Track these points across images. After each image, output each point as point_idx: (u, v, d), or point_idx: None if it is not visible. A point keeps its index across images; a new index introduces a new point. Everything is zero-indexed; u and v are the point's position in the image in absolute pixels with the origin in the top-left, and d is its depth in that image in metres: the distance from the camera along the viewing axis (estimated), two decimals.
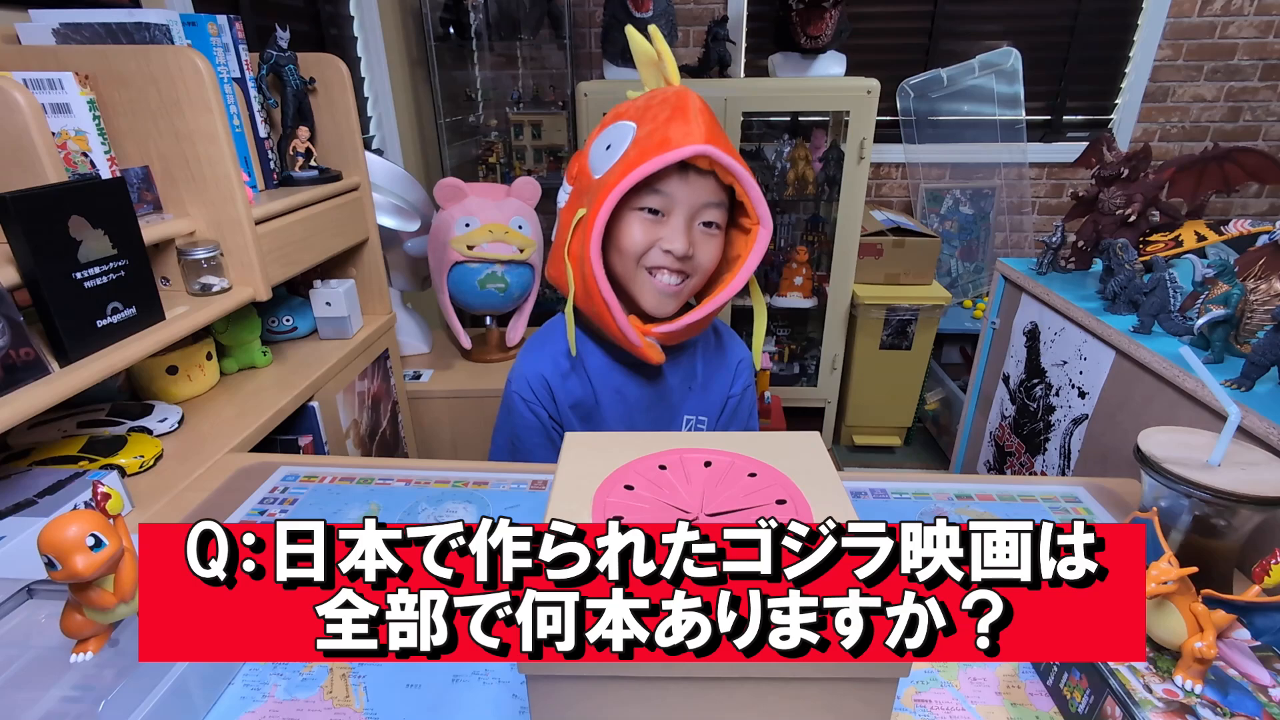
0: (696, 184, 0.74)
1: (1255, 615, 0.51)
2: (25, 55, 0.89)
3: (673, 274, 0.77)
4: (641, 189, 0.74)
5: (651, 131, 0.73)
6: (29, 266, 0.68)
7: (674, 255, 0.75)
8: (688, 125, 0.71)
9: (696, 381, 0.90)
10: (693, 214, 0.75)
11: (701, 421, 0.91)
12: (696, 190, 0.74)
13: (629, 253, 0.77)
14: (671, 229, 0.75)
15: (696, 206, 0.75)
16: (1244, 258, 0.87)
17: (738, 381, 0.93)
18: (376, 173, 1.40)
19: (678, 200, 0.74)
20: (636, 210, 0.75)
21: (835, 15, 1.99)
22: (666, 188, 0.74)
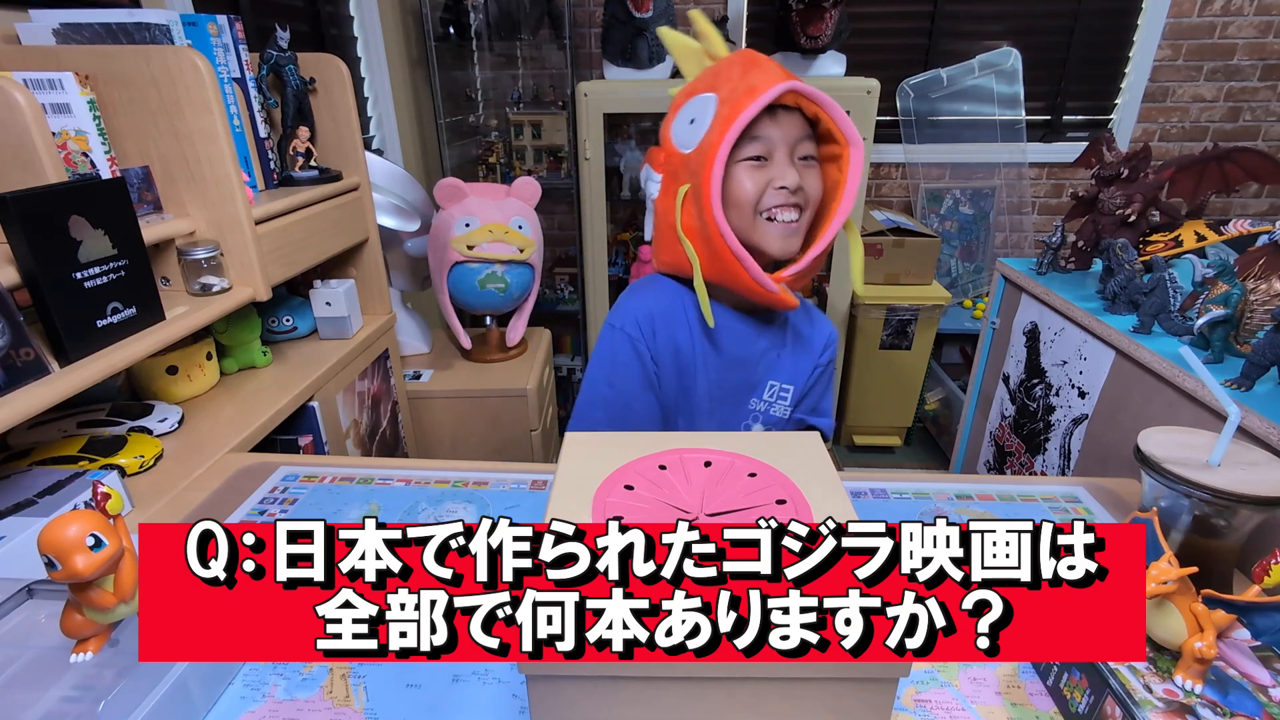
0: (787, 121, 0.78)
1: (1255, 615, 0.51)
2: (25, 55, 0.89)
3: (790, 209, 0.80)
4: (740, 143, 0.77)
5: (734, 88, 0.76)
6: (29, 266, 0.68)
7: (788, 190, 0.78)
8: (765, 71, 0.75)
9: (786, 350, 0.92)
10: (791, 149, 0.78)
11: (786, 391, 0.93)
12: (789, 127, 0.78)
13: (745, 203, 0.79)
14: (778, 167, 0.78)
15: (793, 141, 0.78)
16: (1244, 258, 0.87)
17: (826, 353, 0.96)
18: (376, 173, 1.40)
19: (776, 140, 0.78)
20: (741, 163, 0.78)
21: (835, 15, 1.99)
22: (762, 132, 0.77)
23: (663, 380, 0.88)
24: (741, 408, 0.91)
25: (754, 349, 0.89)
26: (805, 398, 0.94)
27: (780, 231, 0.80)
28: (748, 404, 0.91)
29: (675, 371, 0.88)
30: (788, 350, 0.92)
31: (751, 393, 0.91)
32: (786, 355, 0.92)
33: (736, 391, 0.90)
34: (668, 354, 0.87)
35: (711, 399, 0.89)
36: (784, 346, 0.92)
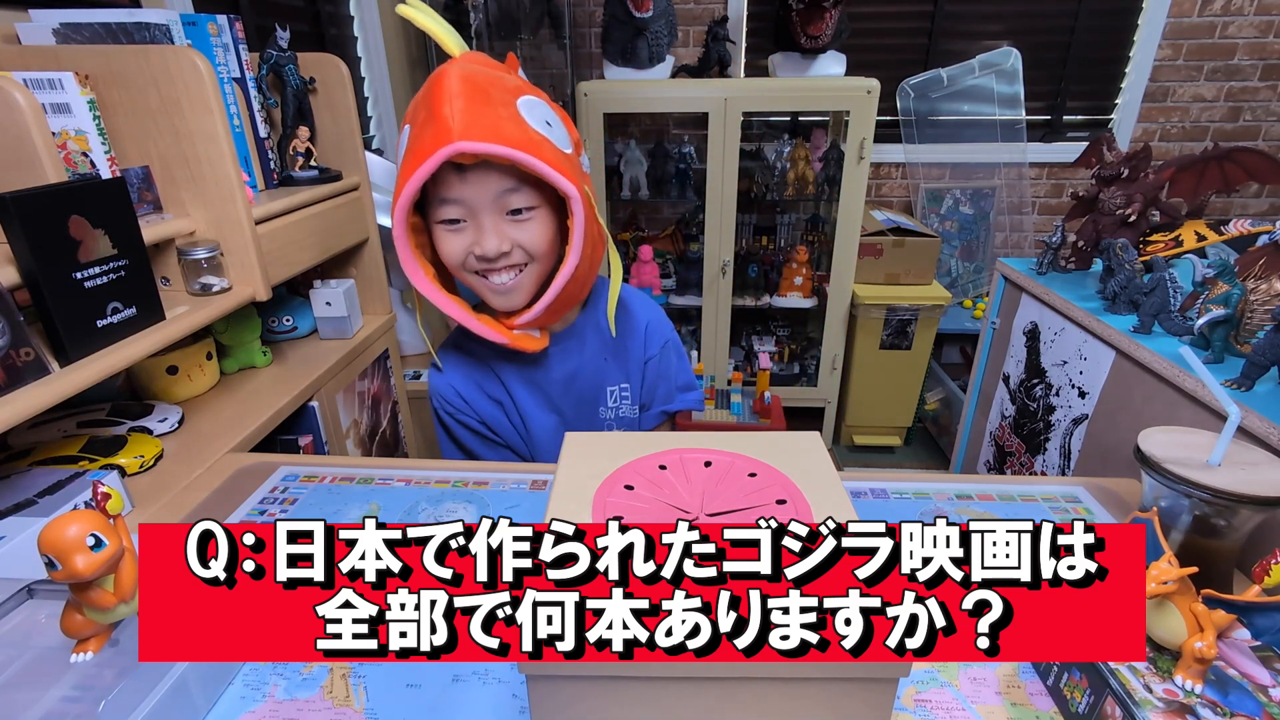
0: (478, 179, 0.68)
1: (1255, 615, 0.51)
2: (25, 55, 0.89)
3: (502, 272, 0.74)
4: (433, 201, 0.70)
5: (414, 138, 0.67)
6: (29, 266, 0.68)
7: (487, 258, 0.71)
8: (438, 125, 0.63)
9: (611, 352, 0.89)
10: (493, 208, 0.70)
11: (625, 390, 0.90)
12: (482, 185, 0.68)
13: (451, 266, 0.74)
14: (477, 231, 0.71)
15: (491, 199, 0.69)
16: (1244, 258, 0.87)
17: (651, 343, 0.91)
18: (376, 173, 1.40)
19: (469, 202, 0.69)
20: (439, 224, 0.72)
21: (835, 15, 1.99)
22: (451, 194, 0.69)
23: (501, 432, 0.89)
24: (594, 420, 0.90)
25: (574, 364, 0.87)
26: (658, 387, 0.92)
27: (494, 290, 0.75)
28: (598, 414, 0.90)
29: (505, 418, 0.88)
30: (611, 352, 0.89)
31: (597, 404, 0.90)
32: (611, 359, 0.89)
33: (582, 407, 0.89)
34: (490, 409, 0.87)
35: (564, 423, 0.89)
36: (607, 349, 0.89)
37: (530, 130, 0.67)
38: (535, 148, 0.66)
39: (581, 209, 0.69)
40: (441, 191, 0.69)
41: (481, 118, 0.64)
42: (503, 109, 0.67)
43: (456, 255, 0.73)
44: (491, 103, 0.66)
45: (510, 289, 0.75)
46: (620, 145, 2.30)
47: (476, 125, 0.63)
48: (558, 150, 0.69)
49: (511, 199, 0.70)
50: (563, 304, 0.77)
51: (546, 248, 0.74)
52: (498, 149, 0.64)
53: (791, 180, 2.24)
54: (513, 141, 0.64)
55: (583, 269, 0.74)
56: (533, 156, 0.65)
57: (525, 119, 0.68)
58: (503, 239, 0.71)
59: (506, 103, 0.67)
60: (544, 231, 0.73)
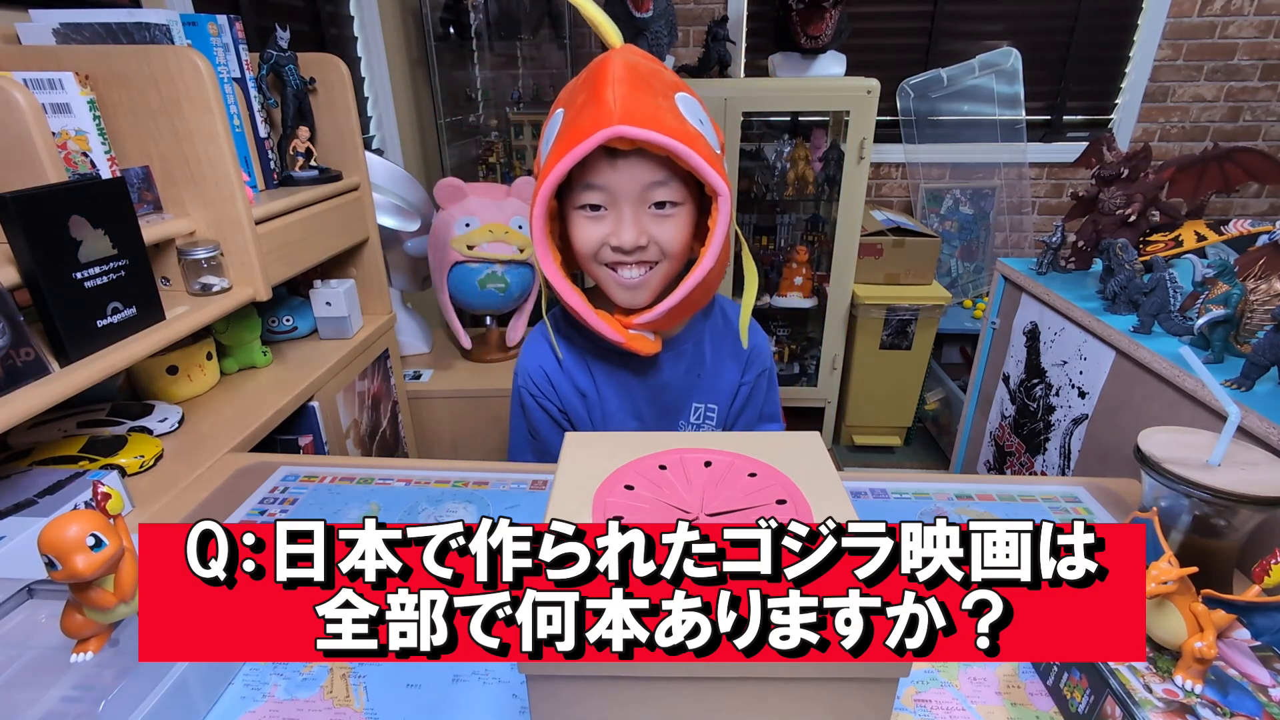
0: (629, 167, 0.67)
1: (1255, 615, 0.51)
2: (25, 55, 0.89)
3: (633, 267, 0.72)
4: (576, 186, 0.69)
5: (570, 121, 0.66)
6: (29, 266, 0.68)
7: (624, 249, 0.70)
8: (599, 107, 0.63)
9: (705, 369, 0.87)
10: (637, 199, 0.69)
11: (711, 410, 0.88)
12: (631, 174, 0.67)
13: (583, 254, 0.73)
14: (616, 223, 0.70)
15: (638, 190, 0.68)
16: (1244, 258, 0.87)
17: (751, 369, 0.89)
18: (376, 173, 1.40)
19: (614, 190, 0.68)
20: (578, 209, 0.71)
21: (835, 15, 1.99)
22: (598, 180, 0.68)
23: (576, 423, 0.87)
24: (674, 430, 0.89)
25: (666, 376, 0.85)
26: (744, 412, 0.90)
27: (621, 284, 0.74)
28: (678, 426, 0.89)
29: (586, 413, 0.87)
30: (706, 369, 0.87)
31: (679, 416, 0.88)
32: (706, 376, 0.87)
33: (661, 418, 0.88)
34: (573, 400, 0.86)
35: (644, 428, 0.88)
36: (702, 365, 0.87)
37: (688, 124, 0.66)
38: (692, 141, 0.65)
39: (728, 207, 0.68)
40: (589, 176, 0.68)
41: (643, 105, 0.63)
42: (663, 100, 0.66)
43: (591, 244, 0.71)
44: (653, 93, 0.65)
45: (638, 285, 0.73)
46: None
47: (638, 112, 0.63)
48: (711, 148, 0.68)
49: (658, 191, 0.69)
50: (686, 308, 0.75)
51: (681, 247, 0.73)
52: (658, 137, 0.63)
53: (791, 180, 2.24)
54: (672, 132, 0.63)
55: (714, 274, 0.72)
56: (690, 149, 0.64)
57: (683, 113, 0.67)
58: (641, 232, 0.70)
59: (667, 95, 0.67)
60: (682, 230, 0.72)
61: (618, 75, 0.64)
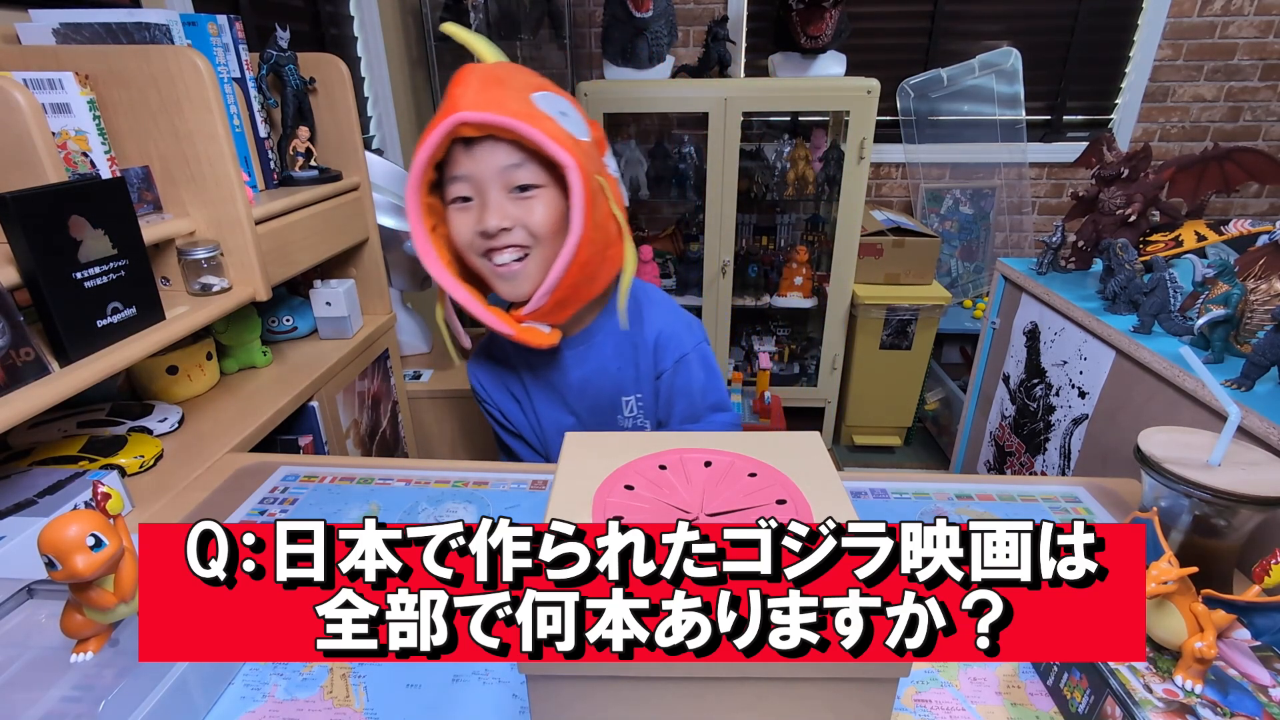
0: (483, 153, 0.69)
1: (1255, 615, 0.51)
2: (25, 55, 0.89)
3: (503, 251, 0.74)
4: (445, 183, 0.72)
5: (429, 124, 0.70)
6: (29, 266, 0.68)
7: (488, 234, 0.72)
8: (448, 103, 0.67)
9: (625, 359, 0.87)
10: (499, 184, 0.71)
11: (641, 402, 0.88)
12: (487, 159, 0.69)
13: (461, 248, 0.75)
14: (481, 209, 0.72)
15: (495, 174, 0.70)
16: (1244, 258, 0.87)
17: (663, 357, 0.87)
18: (376, 173, 1.40)
19: (475, 177, 0.71)
20: (451, 204, 0.73)
21: (835, 15, 1.99)
22: (460, 170, 0.71)
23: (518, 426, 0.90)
24: (612, 426, 0.90)
25: (585, 370, 0.86)
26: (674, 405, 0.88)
27: (498, 274, 0.75)
28: (615, 422, 0.89)
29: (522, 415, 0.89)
30: (628, 363, 0.87)
31: (614, 412, 0.89)
32: (627, 368, 0.87)
33: (595, 415, 0.89)
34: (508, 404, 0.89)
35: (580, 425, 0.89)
36: (624, 357, 0.87)
37: (536, 109, 0.68)
38: (537, 121, 0.67)
39: (580, 183, 0.69)
40: (453, 169, 0.71)
41: (487, 94, 0.67)
42: (514, 92, 0.69)
43: (464, 235, 0.73)
44: (502, 86, 0.69)
45: (514, 273, 0.74)
46: (620, 145, 2.30)
47: (481, 99, 0.66)
48: (564, 130, 0.69)
49: (516, 174, 0.70)
50: (569, 295, 0.76)
51: (550, 229, 0.73)
52: (497, 118, 0.65)
53: (791, 180, 2.24)
54: (512, 113, 0.66)
55: (587, 255, 0.72)
56: (532, 126, 0.66)
57: (535, 102, 0.69)
58: (504, 215, 0.71)
59: (520, 88, 0.70)
60: (548, 211, 0.72)
61: (470, 77, 0.69)
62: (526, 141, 0.68)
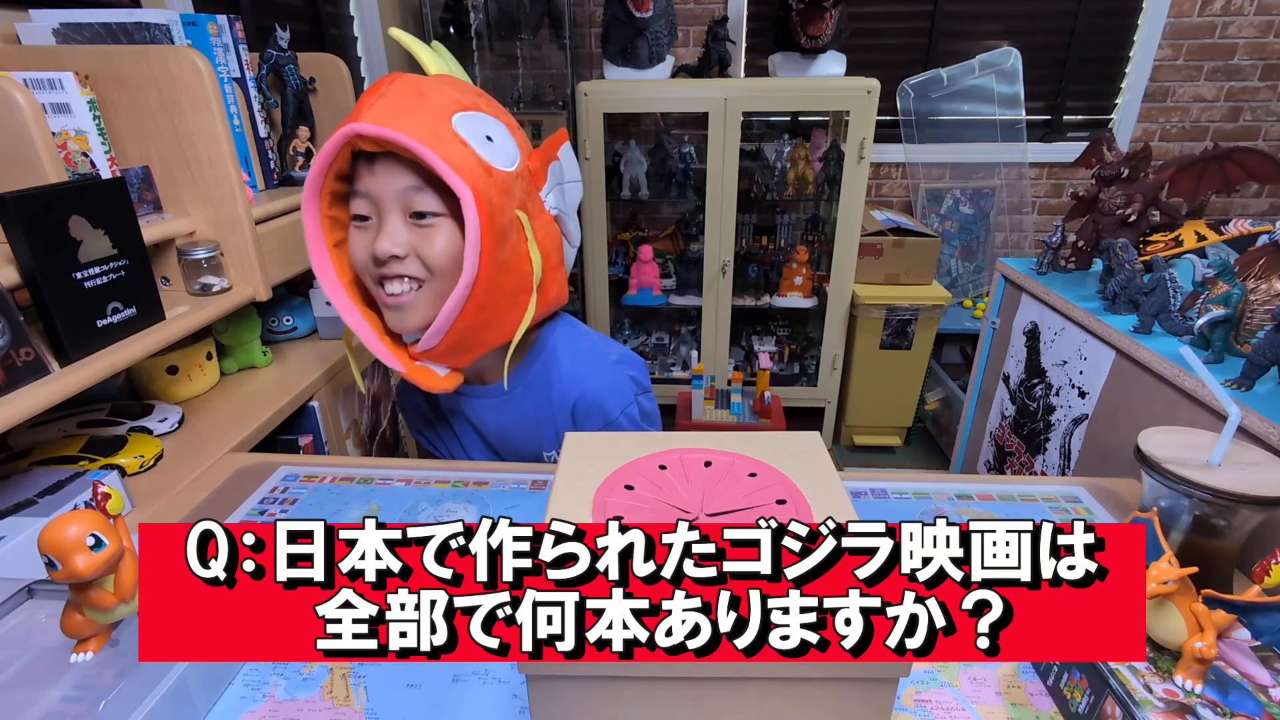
0: (383, 171, 0.64)
1: (1255, 615, 0.51)
2: (25, 55, 0.89)
3: (395, 281, 0.67)
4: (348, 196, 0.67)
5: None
6: (29, 266, 0.68)
7: (379, 259, 0.66)
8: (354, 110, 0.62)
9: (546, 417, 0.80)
10: (397, 206, 0.65)
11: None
12: (386, 178, 0.64)
13: (357, 269, 0.69)
14: (376, 230, 0.66)
15: (394, 195, 0.64)
16: (1244, 258, 0.87)
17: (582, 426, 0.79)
18: None
19: (374, 195, 0.65)
20: (351, 221, 0.68)
21: (835, 15, 1.99)
22: (361, 185, 0.65)
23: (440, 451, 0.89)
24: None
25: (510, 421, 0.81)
26: None
27: (386, 303, 0.68)
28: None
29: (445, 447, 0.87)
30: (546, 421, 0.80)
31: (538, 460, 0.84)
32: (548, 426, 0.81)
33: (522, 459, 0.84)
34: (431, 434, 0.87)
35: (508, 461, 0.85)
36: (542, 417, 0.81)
37: (444, 130, 0.63)
38: (439, 144, 0.61)
39: (475, 216, 0.62)
40: (355, 183, 0.66)
41: (394, 111, 0.61)
42: (429, 110, 0.63)
43: (359, 256, 0.68)
44: (420, 102, 0.63)
45: (402, 305, 0.68)
46: (620, 145, 2.30)
47: (387, 113, 0.61)
48: (474, 157, 0.63)
49: (416, 199, 0.65)
50: (464, 339, 0.69)
51: (447, 264, 0.67)
52: (393, 134, 0.60)
53: (791, 180, 2.24)
54: (414, 133, 0.60)
55: (485, 299, 0.66)
56: (428, 148, 0.60)
57: (452, 124, 0.64)
58: (397, 241, 0.65)
59: (439, 107, 0.64)
60: (446, 244, 0.66)
61: (383, 89, 0.63)
62: (425, 164, 0.61)
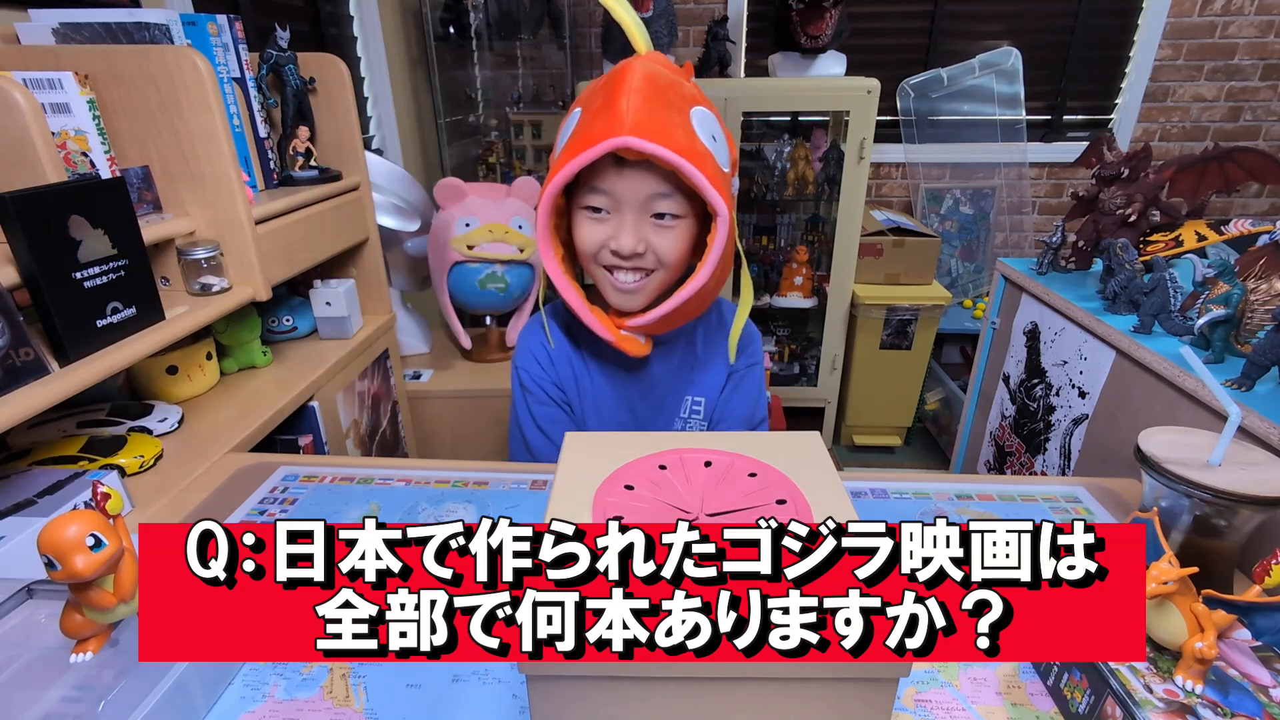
0: (634, 177, 0.68)
1: (1256, 615, 0.51)
2: (25, 55, 0.89)
3: (629, 272, 0.74)
4: (583, 186, 0.71)
5: (585, 122, 0.68)
6: (29, 266, 0.68)
7: (621, 254, 0.72)
8: (612, 114, 0.64)
9: (697, 363, 0.88)
10: (640, 207, 0.71)
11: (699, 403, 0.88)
12: (636, 183, 0.69)
13: (583, 253, 0.75)
14: (617, 227, 0.71)
15: (640, 199, 0.70)
16: (1244, 257, 0.87)
17: (742, 356, 0.88)
18: (376, 173, 1.40)
19: (618, 196, 0.70)
20: (583, 209, 0.73)
21: (835, 15, 1.99)
22: (604, 184, 0.70)
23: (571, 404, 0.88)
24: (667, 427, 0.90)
25: (658, 372, 0.86)
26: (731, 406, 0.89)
27: (616, 287, 0.75)
28: (672, 424, 0.89)
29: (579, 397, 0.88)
30: (698, 363, 0.88)
31: (672, 412, 0.89)
32: (698, 370, 0.88)
33: (655, 413, 0.89)
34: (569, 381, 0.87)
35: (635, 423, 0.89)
36: (694, 360, 0.88)
37: (698, 141, 0.67)
38: (699, 159, 0.66)
39: (726, 229, 0.69)
40: (596, 180, 0.70)
41: (655, 118, 0.65)
42: (677, 115, 0.67)
43: (592, 245, 0.73)
44: (669, 106, 0.67)
45: (633, 290, 0.75)
46: None
47: (649, 124, 0.64)
48: (718, 167, 0.69)
49: (660, 203, 0.70)
50: (679, 317, 0.77)
51: (679, 258, 0.74)
52: (664, 152, 0.64)
53: (791, 180, 2.24)
54: (679, 148, 0.64)
55: (709, 287, 0.74)
56: (695, 167, 0.65)
57: (695, 129, 0.68)
58: (639, 240, 0.71)
59: (681, 109, 0.68)
60: (681, 242, 0.73)
61: (634, 85, 0.65)
62: (684, 178, 0.66)
